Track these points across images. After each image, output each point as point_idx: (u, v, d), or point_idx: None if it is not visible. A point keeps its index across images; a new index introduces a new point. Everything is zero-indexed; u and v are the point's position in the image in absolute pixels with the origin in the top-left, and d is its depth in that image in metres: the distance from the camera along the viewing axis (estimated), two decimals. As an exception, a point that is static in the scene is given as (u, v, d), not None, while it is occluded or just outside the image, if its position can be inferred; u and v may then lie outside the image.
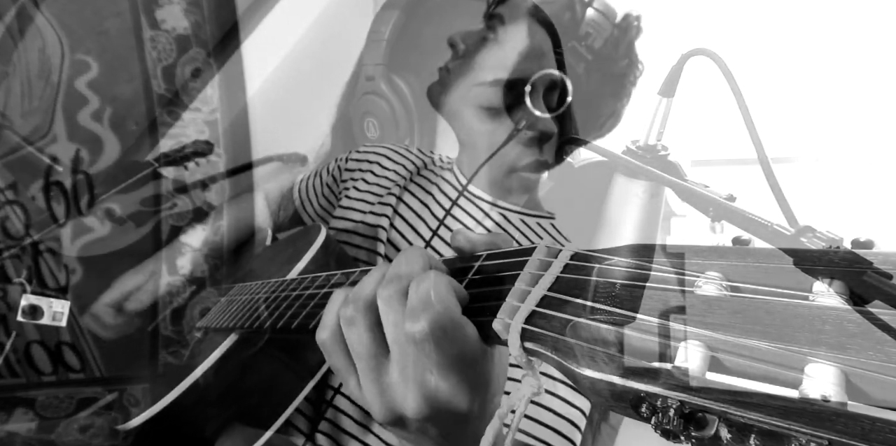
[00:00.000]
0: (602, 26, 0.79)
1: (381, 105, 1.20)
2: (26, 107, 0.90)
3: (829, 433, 0.18)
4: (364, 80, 1.25)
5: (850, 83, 0.84)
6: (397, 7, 1.23)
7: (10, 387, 0.86)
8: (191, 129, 1.26)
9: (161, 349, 0.87)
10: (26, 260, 0.87)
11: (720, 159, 0.93)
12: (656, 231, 0.98)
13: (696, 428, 0.21)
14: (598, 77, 0.81)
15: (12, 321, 0.82)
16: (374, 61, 1.22)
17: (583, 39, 0.78)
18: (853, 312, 0.21)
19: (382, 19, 1.23)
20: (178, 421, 0.62)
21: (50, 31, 0.91)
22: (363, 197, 0.93)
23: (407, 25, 1.22)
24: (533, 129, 0.82)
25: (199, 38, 1.17)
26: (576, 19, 0.78)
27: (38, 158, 0.82)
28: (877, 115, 0.81)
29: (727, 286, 0.25)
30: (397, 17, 1.22)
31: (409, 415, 0.34)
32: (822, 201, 0.81)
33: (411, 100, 1.19)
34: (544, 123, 0.80)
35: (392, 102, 1.19)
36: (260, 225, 1.06)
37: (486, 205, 0.86)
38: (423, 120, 1.19)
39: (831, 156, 0.84)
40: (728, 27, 0.92)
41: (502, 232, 0.45)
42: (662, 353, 0.25)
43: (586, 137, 0.84)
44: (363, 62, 1.26)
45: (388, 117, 1.19)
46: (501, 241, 0.40)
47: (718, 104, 0.86)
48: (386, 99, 1.19)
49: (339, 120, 1.36)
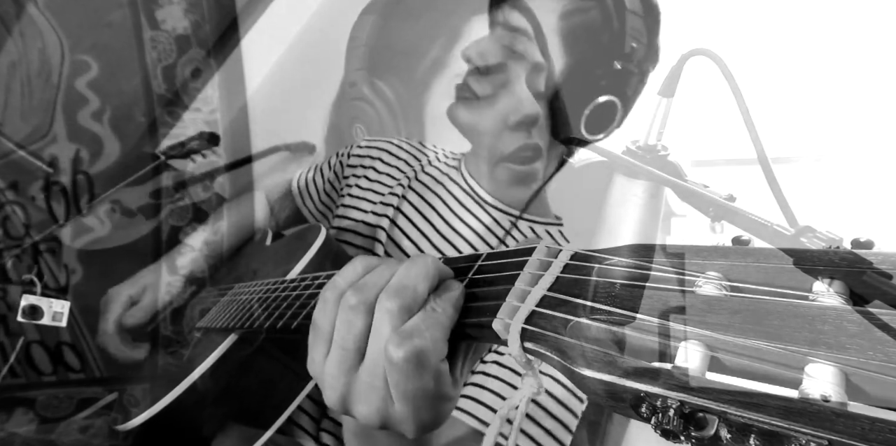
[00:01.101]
0: (642, 33, 0.75)
1: (367, 110, 1.20)
2: (26, 107, 0.90)
3: (829, 433, 0.18)
4: (348, 86, 1.25)
5: (851, 83, 0.84)
6: (374, 12, 1.23)
7: (10, 387, 0.86)
8: (191, 129, 1.26)
9: (161, 349, 0.88)
10: (27, 260, 0.87)
11: (720, 159, 0.93)
12: (656, 231, 0.98)
13: (696, 428, 0.21)
14: (636, 81, 0.79)
15: (12, 321, 0.82)
16: (356, 67, 1.23)
17: (628, 56, 0.74)
18: (853, 312, 0.21)
19: (360, 25, 1.23)
20: (178, 422, 0.62)
21: (50, 32, 0.91)
22: (365, 195, 0.91)
23: (384, 28, 1.22)
24: (572, 153, 0.83)
25: (199, 38, 1.17)
26: (618, 35, 0.73)
27: (31, 162, 0.83)
28: (877, 115, 0.81)
29: (727, 286, 0.25)
30: (374, 22, 1.22)
31: (357, 417, 0.36)
32: (822, 201, 0.81)
33: (396, 103, 1.19)
34: (529, 105, 0.77)
35: (377, 106, 1.19)
36: (260, 225, 1.06)
37: (498, 213, 0.84)
38: (409, 122, 1.19)
39: (832, 156, 0.84)
40: (728, 27, 0.92)
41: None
42: (662, 353, 0.25)
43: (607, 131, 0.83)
44: (346, 69, 1.26)
45: (375, 121, 1.20)
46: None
47: (718, 104, 0.86)
48: (370, 103, 1.19)
49: (330, 128, 1.37)
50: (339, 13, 1.41)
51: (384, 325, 0.34)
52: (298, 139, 1.46)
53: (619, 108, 0.76)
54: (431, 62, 1.13)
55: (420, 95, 1.16)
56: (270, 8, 1.39)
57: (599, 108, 0.75)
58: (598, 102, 0.74)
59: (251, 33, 1.36)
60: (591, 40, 0.75)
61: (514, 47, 0.77)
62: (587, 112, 0.74)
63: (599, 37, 0.74)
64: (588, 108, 0.74)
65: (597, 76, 0.75)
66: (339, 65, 1.39)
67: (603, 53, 0.74)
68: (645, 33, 0.76)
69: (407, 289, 0.35)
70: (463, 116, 0.83)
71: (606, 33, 0.74)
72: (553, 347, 0.28)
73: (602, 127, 0.78)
